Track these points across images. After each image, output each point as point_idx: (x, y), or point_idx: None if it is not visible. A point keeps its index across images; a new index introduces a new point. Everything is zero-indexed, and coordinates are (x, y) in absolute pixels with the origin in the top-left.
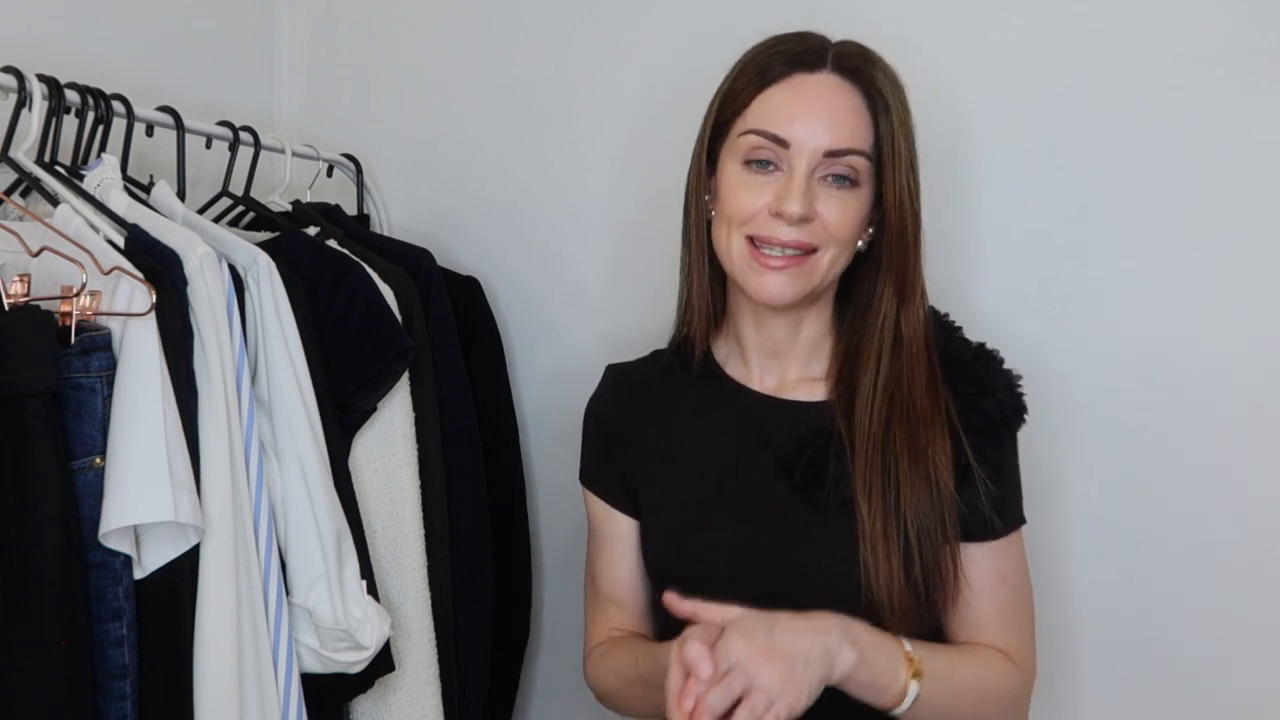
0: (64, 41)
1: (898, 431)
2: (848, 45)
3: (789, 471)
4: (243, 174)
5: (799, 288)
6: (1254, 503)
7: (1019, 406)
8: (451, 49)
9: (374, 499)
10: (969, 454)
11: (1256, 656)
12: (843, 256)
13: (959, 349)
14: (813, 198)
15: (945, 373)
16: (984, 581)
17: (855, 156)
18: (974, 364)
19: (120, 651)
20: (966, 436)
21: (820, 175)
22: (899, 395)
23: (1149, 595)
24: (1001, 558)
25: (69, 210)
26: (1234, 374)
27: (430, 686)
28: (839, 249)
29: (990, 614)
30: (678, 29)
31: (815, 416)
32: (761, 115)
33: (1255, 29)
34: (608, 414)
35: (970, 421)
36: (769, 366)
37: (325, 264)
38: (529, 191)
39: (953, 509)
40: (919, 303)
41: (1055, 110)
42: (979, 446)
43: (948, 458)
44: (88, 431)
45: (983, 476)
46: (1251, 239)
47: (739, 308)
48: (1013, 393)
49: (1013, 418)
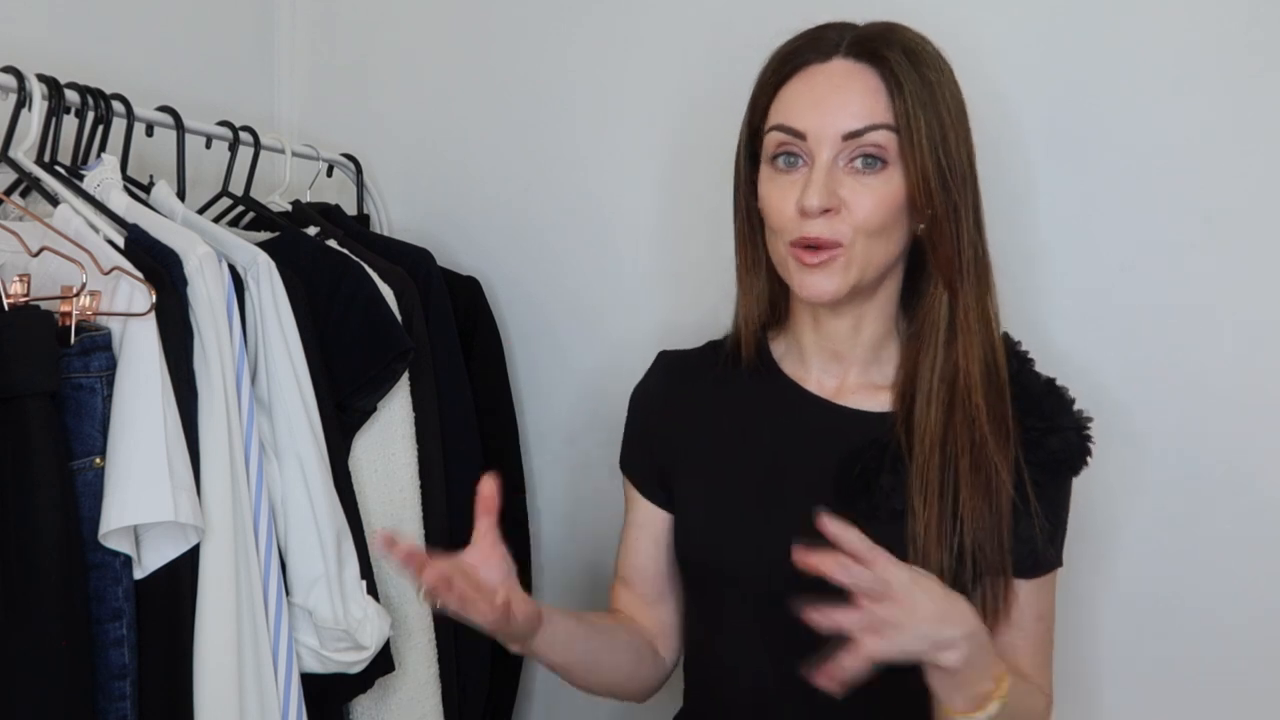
0: (64, 41)
1: (960, 431)
2: (867, 28)
3: (838, 480)
4: (243, 174)
5: (839, 283)
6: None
7: (1084, 450)
8: (451, 49)
9: (374, 499)
10: (1029, 486)
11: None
12: (881, 246)
13: (1029, 380)
14: (837, 187)
15: (1013, 402)
16: (1025, 618)
17: (877, 132)
18: (1044, 399)
19: (120, 651)
20: (1028, 470)
21: (846, 162)
22: (960, 392)
23: (1154, 599)
24: (1042, 596)
25: (69, 210)
26: (1238, 372)
27: (430, 686)
28: (869, 239)
29: (1026, 651)
30: (678, 29)
31: (874, 426)
32: (781, 110)
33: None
34: (652, 403)
35: (1032, 455)
36: (829, 369)
37: (325, 264)
38: (529, 191)
39: (1009, 535)
40: (971, 293)
41: (1056, 109)
42: (1038, 481)
43: (1009, 476)
44: (88, 431)
45: (1039, 511)
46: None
47: (798, 308)
48: (1080, 434)
49: (1076, 459)
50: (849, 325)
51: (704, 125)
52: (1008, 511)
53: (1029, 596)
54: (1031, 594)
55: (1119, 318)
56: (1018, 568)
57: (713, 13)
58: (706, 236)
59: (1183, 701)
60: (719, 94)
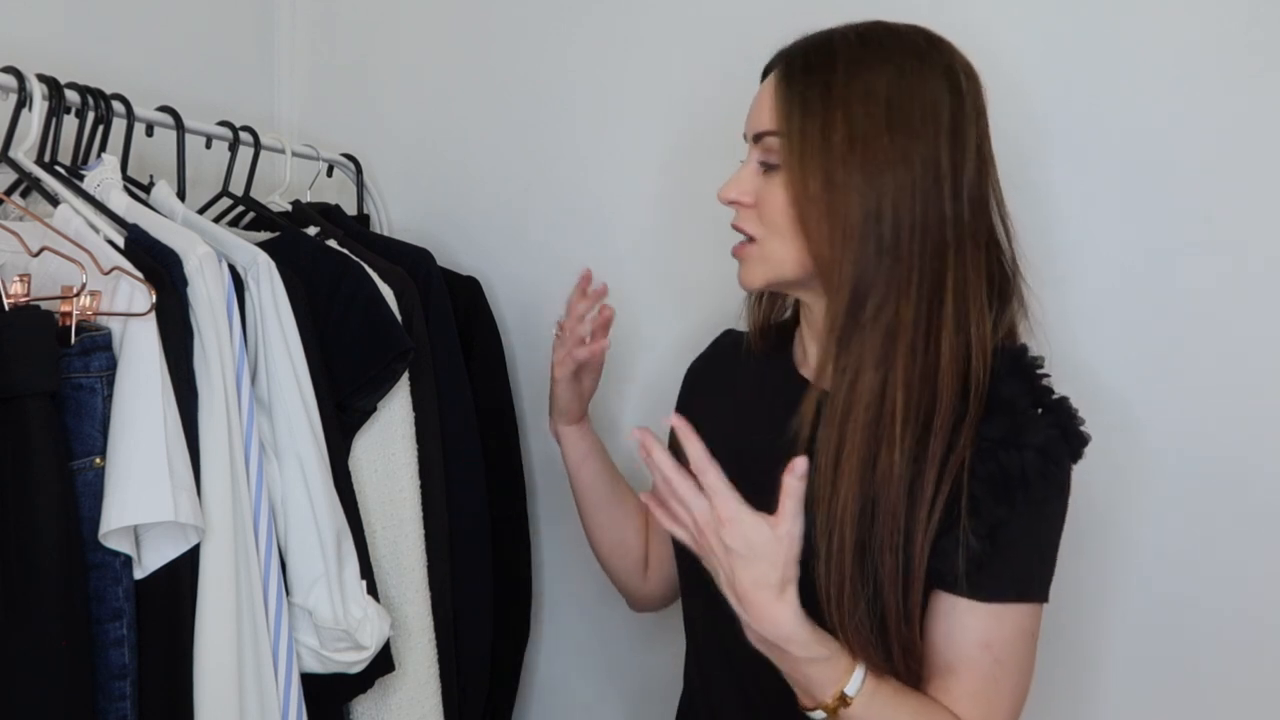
0: (64, 41)
1: (851, 435)
2: (805, 38)
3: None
4: (243, 174)
5: (755, 273)
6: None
7: (1046, 473)
8: (451, 49)
9: (374, 499)
10: (964, 499)
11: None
12: (792, 245)
13: (1010, 392)
14: (752, 186)
15: (982, 409)
16: (963, 641)
17: (770, 137)
18: (1018, 415)
19: (120, 651)
20: (970, 482)
21: (757, 162)
22: (858, 389)
23: (1151, 598)
24: (992, 624)
25: (69, 210)
26: (1240, 372)
27: (430, 686)
28: (780, 237)
29: (962, 676)
30: (678, 29)
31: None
32: None
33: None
34: (693, 378)
35: (980, 468)
36: (813, 351)
37: (325, 264)
38: (529, 191)
39: (921, 540)
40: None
41: (1055, 110)
42: (976, 495)
43: (903, 479)
44: (88, 431)
45: (966, 528)
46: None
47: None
48: (1043, 456)
49: (1034, 481)
50: (820, 313)
51: (704, 125)
52: (900, 510)
53: (972, 618)
54: (970, 615)
55: (1119, 318)
56: (938, 577)
57: (712, 13)
58: (707, 236)
59: (1187, 702)
60: (719, 94)
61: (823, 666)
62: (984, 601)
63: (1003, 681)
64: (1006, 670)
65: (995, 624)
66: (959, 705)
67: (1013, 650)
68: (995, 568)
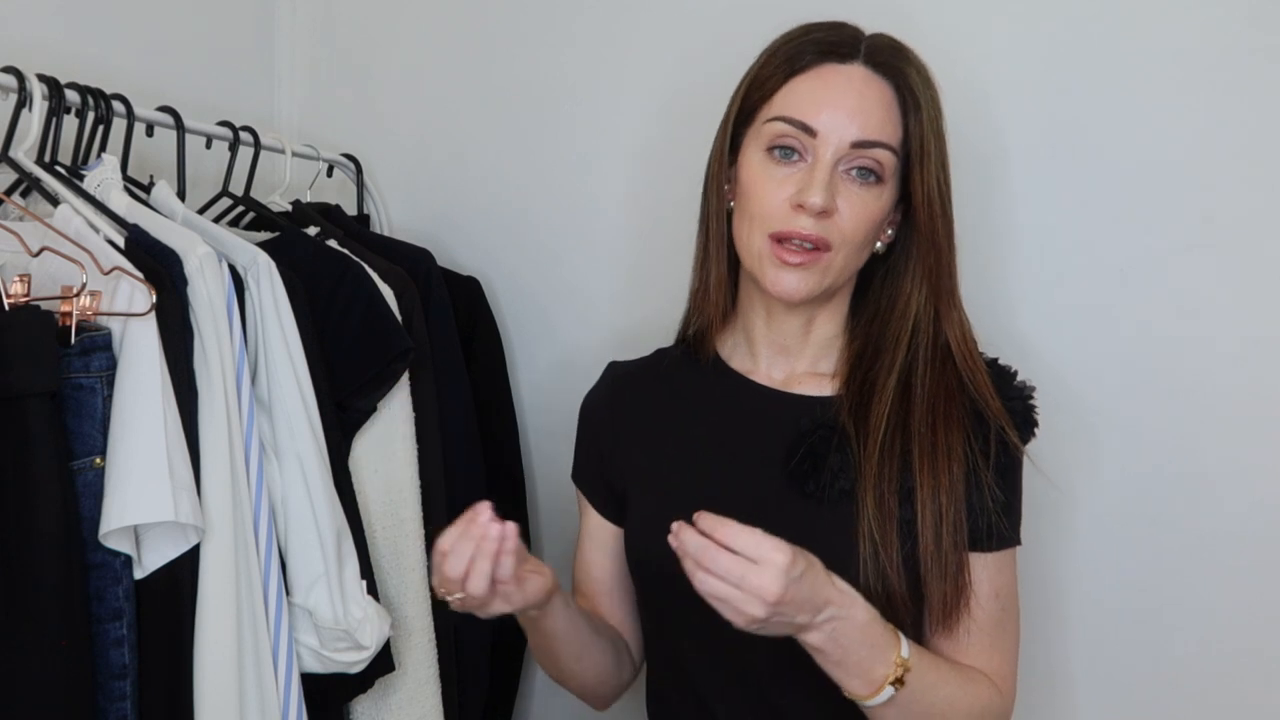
0: (64, 41)
1: (917, 430)
2: (881, 39)
3: (786, 463)
4: (243, 174)
5: (812, 285)
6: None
7: (1029, 420)
8: (451, 49)
9: (374, 499)
10: (978, 458)
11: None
12: (857, 256)
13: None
14: (834, 191)
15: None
16: (981, 594)
17: (881, 150)
18: (995, 377)
19: (120, 651)
20: (976, 442)
21: (844, 168)
22: (921, 396)
23: (1153, 598)
24: (997, 572)
25: (69, 210)
26: (1229, 373)
27: (430, 686)
28: (852, 249)
29: (980, 629)
30: (678, 30)
31: (820, 410)
32: (789, 103)
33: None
34: (601, 416)
35: (978, 428)
36: (776, 361)
37: (325, 264)
38: (529, 191)
39: (964, 514)
40: (958, 307)
41: (1055, 110)
42: (989, 454)
43: (963, 464)
44: (88, 431)
45: (991, 483)
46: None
47: (751, 300)
48: (1024, 403)
49: (1023, 430)
50: (801, 323)
51: (704, 125)
52: (961, 487)
53: (983, 571)
54: (986, 569)
55: (1116, 319)
56: (972, 540)
57: (711, 14)
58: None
59: (1160, 702)
60: (718, 94)
61: (881, 630)
62: (993, 551)
63: (1008, 626)
64: (1010, 614)
65: (999, 571)
66: (979, 659)
67: (1010, 593)
68: (1005, 515)
